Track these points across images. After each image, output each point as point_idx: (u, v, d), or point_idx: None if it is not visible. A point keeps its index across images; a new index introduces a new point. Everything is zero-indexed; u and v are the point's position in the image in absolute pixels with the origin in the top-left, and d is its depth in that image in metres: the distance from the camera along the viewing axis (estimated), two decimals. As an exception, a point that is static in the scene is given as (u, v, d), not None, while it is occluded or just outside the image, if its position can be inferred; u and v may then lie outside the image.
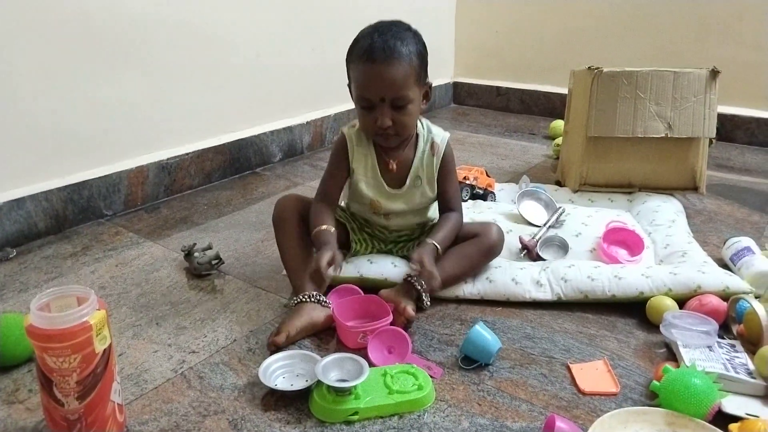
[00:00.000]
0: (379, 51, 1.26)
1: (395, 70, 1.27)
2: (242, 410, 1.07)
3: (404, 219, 1.47)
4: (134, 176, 1.95)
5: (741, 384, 1.09)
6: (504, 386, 1.14)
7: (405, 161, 1.42)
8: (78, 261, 1.62)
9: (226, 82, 2.20)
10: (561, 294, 1.39)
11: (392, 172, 1.41)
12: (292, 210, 1.41)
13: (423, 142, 1.43)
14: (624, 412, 1.03)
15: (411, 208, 1.45)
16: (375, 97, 1.29)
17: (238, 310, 1.39)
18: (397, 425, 1.04)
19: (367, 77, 1.29)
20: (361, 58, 1.29)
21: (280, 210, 1.42)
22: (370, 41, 1.28)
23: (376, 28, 1.31)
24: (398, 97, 1.29)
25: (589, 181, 1.93)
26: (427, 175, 1.43)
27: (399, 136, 1.36)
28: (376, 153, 1.41)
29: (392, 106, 1.30)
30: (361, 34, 1.33)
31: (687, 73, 1.83)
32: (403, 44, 1.28)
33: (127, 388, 1.12)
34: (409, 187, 1.42)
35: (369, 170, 1.42)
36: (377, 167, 1.41)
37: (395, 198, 1.43)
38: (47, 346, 0.91)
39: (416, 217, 1.48)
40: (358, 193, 1.43)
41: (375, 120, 1.31)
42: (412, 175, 1.42)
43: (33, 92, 1.67)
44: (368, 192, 1.42)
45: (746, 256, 1.50)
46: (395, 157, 1.41)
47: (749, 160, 2.51)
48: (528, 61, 3.22)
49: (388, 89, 1.28)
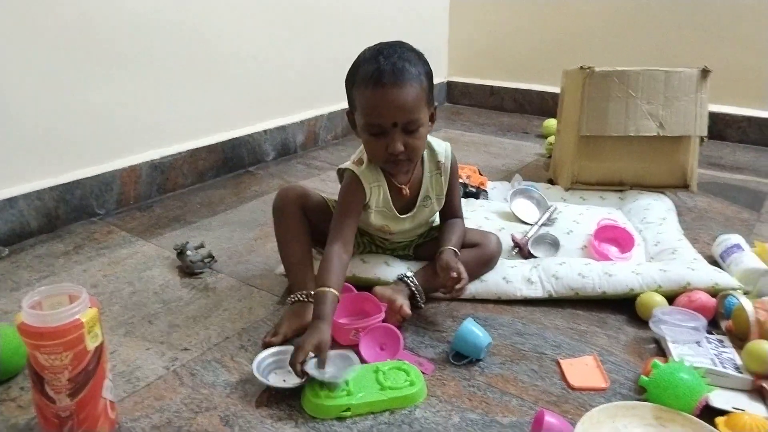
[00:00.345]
0: (388, 74, 1.19)
1: (407, 93, 1.20)
2: (234, 407, 1.08)
3: (409, 234, 1.46)
4: (127, 175, 1.95)
5: (728, 378, 1.11)
6: (494, 382, 1.14)
7: (415, 183, 1.38)
8: (70, 260, 1.62)
9: (219, 81, 2.20)
10: (552, 291, 1.40)
11: (405, 196, 1.37)
12: (294, 201, 1.37)
13: (428, 162, 1.39)
14: (612, 406, 1.04)
15: (418, 225, 1.44)
16: (387, 122, 1.22)
17: (231, 308, 1.39)
18: (388, 420, 1.05)
19: (376, 102, 1.21)
20: (368, 83, 1.21)
21: (282, 200, 1.38)
22: (377, 65, 1.21)
23: (379, 50, 1.24)
24: (411, 120, 1.23)
25: (581, 179, 1.94)
26: (436, 193, 1.40)
27: (410, 161, 1.29)
28: (388, 182, 1.35)
29: (404, 131, 1.23)
30: (362, 57, 1.27)
31: (678, 72, 1.84)
32: (412, 65, 1.22)
33: (119, 386, 1.12)
34: (419, 207, 1.40)
35: (381, 201, 1.36)
36: (389, 196, 1.36)
37: (404, 221, 1.40)
38: (39, 344, 0.91)
39: (420, 229, 1.47)
40: (366, 221, 1.38)
41: (386, 146, 1.24)
42: (421, 195, 1.39)
43: (26, 93, 1.67)
44: (377, 220, 1.38)
45: (735, 253, 1.51)
46: (407, 182, 1.36)
47: (740, 158, 2.53)
48: (521, 61, 3.23)
49: (400, 114, 1.21)
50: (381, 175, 1.34)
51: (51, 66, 1.71)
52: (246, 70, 2.29)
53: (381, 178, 1.34)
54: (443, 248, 1.35)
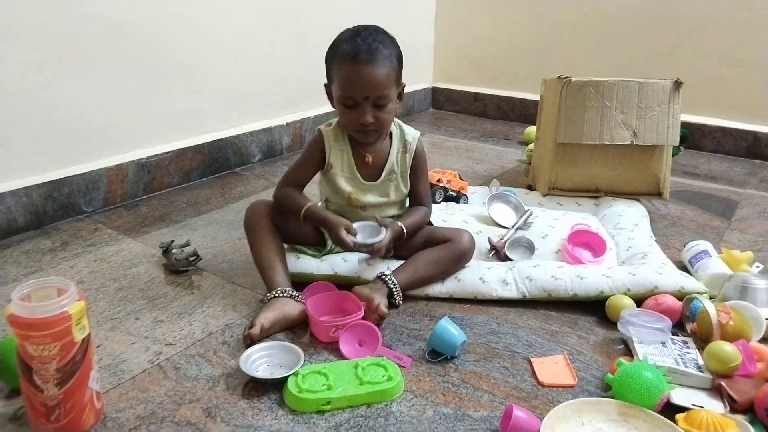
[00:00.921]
0: (364, 53, 1.36)
1: (379, 71, 1.37)
2: (216, 399, 1.11)
3: (379, 210, 1.54)
4: (114, 174, 1.98)
5: (689, 377, 1.16)
6: (468, 378, 1.19)
7: (380, 156, 1.51)
8: (57, 256, 1.65)
9: (206, 83, 2.23)
10: (526, 292, 1.45)
11: (368, 165, 1.50)
12: (263, 214, 1.48)
13: (397, 140, 1.53)
14: (579, 402, 1.09)
15: (386, 201, 1.53)
16: (359, 95, 1.38)
17: (215, 305, 1.43)
18: (365, 414, 1.09)
19: (352, 77, 1.38)
20: (345, 60, 1.37)
21: (251, 214, 1.49)
22: (355, 44, 1.37)
23: (357, 32, 1.41)
24: (381, 96, 1.39)
25: (558, 185, 2.00)
26: (401, 170, 1.53)
27: (378, 132, 1.46)
28: (352, 148, 1.50)
29: (374, 105, 1.40)
30: (342, 36, 1.42)
31: (651, 83, 1.91)
32: (385, 47, 1.39)
33: (104, 378, 1.16)
34: (383, 180, 1.51)
35: (345, 165, 1.51)
36: (353, 162, 1.50)
37: (370, 190, 1.52)
38: (28, 335, 0.95)
39: (391, 210, 1.56)
40: (335, 187, 1.51)
41: (357, 117, 1.40)
42: (387, 169, 1.51)
43: (14, 91, 1.70)
44: (345, 186, 1.51)
45: (703, 259, 1.57)
46: (371, 152, 1.50)
47: (714, 167, 2.60)
48: (505, 69, 3.29)
49: (371, 89, 1.38)
50: (346, 141, 1.50)
51: (39, 65, 1.74)
52: (233, 72, 2.32)
53: (345, 143, 1.50)
54: (393, 222, 1.46)
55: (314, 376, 1.14)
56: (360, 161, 1.51)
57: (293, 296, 1.35)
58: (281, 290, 1.35)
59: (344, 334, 1.26)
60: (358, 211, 1.53)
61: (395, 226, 1.44)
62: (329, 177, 1.52)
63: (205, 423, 1.06)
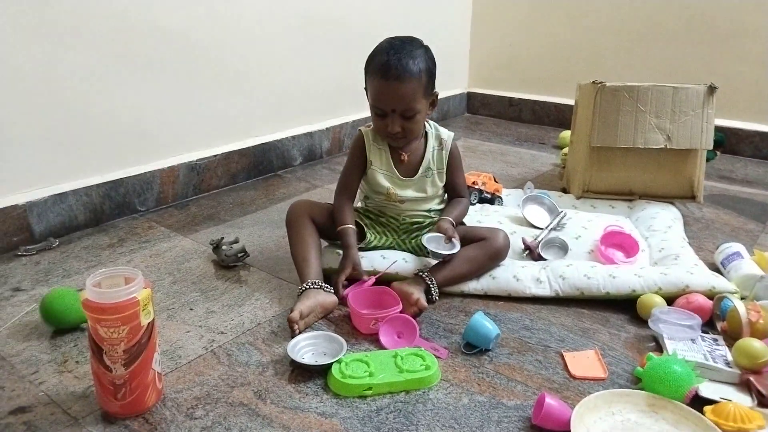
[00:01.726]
0: (393, 70, 1.45)
1: (405, 87, 1.46)
2: (266, 383, 1.20)
3: (417, 204, 1.63)
4: (166, 175, 2.09)
5: (718, 372, 1.20)
6: (502, 369, 1.25)
7: (416, 154, 1.62)
8: (115, 251, 1.77)
9: (252, 89, 2.34)
10: (559, 290, 1.50)
11: (404, 163, 1.60)
12: (302, 213, 1.58)
13: (432, 139, 1.63)
14: (609, 393, 1.14)
15: (423, 197, 1.62)
16: (387, 108, 1.49)
17: (262, 298, 1.52)
18: (404, 399, 1.16)
19: (381, 91, 1.48)
20: (377, 74, 1.47)
21: (292, 213, 1.59)
22: (386, 59, 1.46)
23: (391, 45, 1.49)
24: (407, 109, 1.49)
25: (592, 188, 2.04)
26: (437, 167, 1.62)
27: (406, 139, 1.57)
28: (390, 148, 1.61)
29: (402, 116, 1.50)
30: (378, 48, 1.52)
31: (686, 88, 1.93)
32: (414, 63, 1.46)
33: (163, 362, 1.25)
34: (420, 176, 1.60)
35: (384, 163, 1.61)
36: (391, 160, 1.60)
37: (408, 185, 1.61)
38: (100, 318, 1.04)
39: (428, 203, 1.64)
40: (375, 183, 1.60)
41: (386, 126, 1.51)
42: (423, 166, 1.61)
43: (77, 97, 1.83)
44: (384, 182, 1.60)
45: (735, 261, 1.60)
46: (407, 150, 1.60)
47: (751, 172, 2.60)
48: (540, 74, 3.33)
49: (398, 103, 1.48)
50: (384, 142, 1.60)
51: (99, 72, 1.86)
52: (276, 79, 2.43)
53: (383, 143, 1.60)
54: (441, 218, 1.56)
55: (356, 364, 1.21)
56: (397, 159, 1.60)
57: (323, 287, 1.44)
58: (311, 282, 1.44)
59: (384, 326, 1.34)
60: (397, 205, 1.62)
61: (444, 221, 1.53)
62: (370, 174, 1.61)
63: (256, 404, 1.14)
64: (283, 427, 1.08)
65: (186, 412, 1.12)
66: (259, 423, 1.09)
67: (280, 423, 1.09)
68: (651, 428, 1.08)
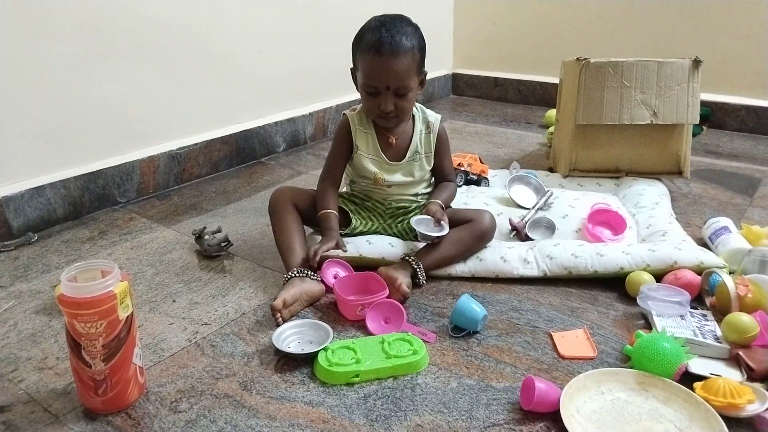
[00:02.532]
0: (386, 46, 1.42)
1: (400, 63, 1.43)
2: (251, 374, 1.18)
3: (404, 188, 1.60)
4: (146, 165, 2.05)
5: (707, 348, 1.19)
6: (490, 352, 1.24)
7: (404, 138, 1.58)
8: (95, 244, 1.73)
9: (231, 75, 2.30)
10: (547, 270, 1.49)
11: (392, 146, 1.57)
12: (285, 200, 1.55)
13: (419, 122, 1.60)
14: (598, 372, 1.13)
15: (411, 181, 1.59)
16: (381, 85, 1.46)
17: (246, 287, 1.49)
18: (392, 385, 1.15)
19: (374, 68, 1.44)
20: (369, 51, 1.43)
21: (274, 200, 1.57)
22: (379, 35, 1.42)
23: (382, 22, 1.46)
24: (401, 86, 1.46)
25: (578, 166, 2.02)
26: (425, 150, 1.60)
27: (398, 119, 1.53)
28: (376, 131, 1.57)
29: (395, 94, 1.47)
30: (368, 26, 1.48)
31: (670, 62, 1.91)
32: (408, 39, 1.44)
33: (145, 356, 1.23)
34: (408, 160, 1.58)
35: (371, 147, 1.58)
36: (378, 144, 1.57)
37: (395, 169, 1.58)
38: (76, 313, 1.01)
39: (415, 188, 1.62)
40: (362, 168, 1.57)
41: (379, 105, 1.48)
42: (411, 150, 1.58)
43: (50, 87, 1.78)
44: (371, 166, 1.57)
45: (723, 235, 1.59)
46: (395, 134, 1.57)
47: (738, 146, 2.59)
48: (525, 53, 3.30)
49: (393, 80, 1.45)
50: (370, 125, 1.57)
51: (75, 64, 1.82)
52: (256, 65, 2.38)
53: (370, 126, 1.57)
54: (430, 201, 1.55)
55: (343, 351, 1.19)
56: (384, 143, 1.57)
57: (308, 275, 1.42)
58: (297, 270, 1.42)
59: (370, 312, 1.32)
60: (384, 189, 1.59)
61: (434, 204, 1.52)
62: (356, 158, 1.58)
63: (241, 396, 1.12)
64: (270, 418, 1.06)
65: (170, 405, 1.10)
66: (245, 414, 1.07)
67: (266, 413, 1.07)
68: (641, 406, 1.08)
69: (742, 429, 1.03)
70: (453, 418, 1.06)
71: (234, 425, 1.05)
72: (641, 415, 1.06)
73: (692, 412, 1.05)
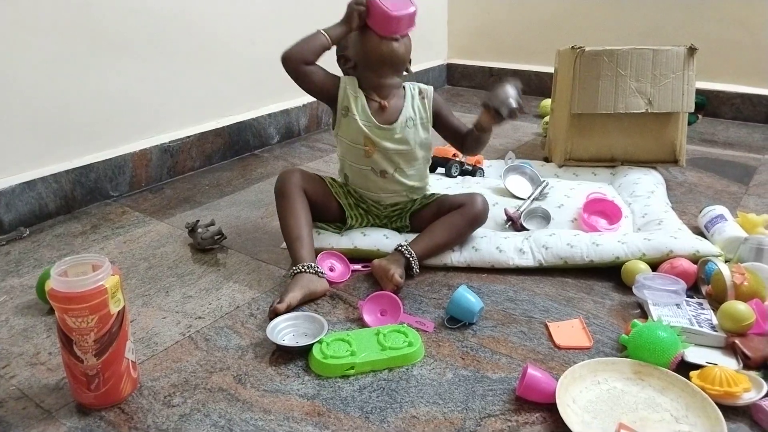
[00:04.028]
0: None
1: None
2: (246, 367, 1.17)
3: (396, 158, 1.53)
4: (138, 159, 2.04)
5: (703, 336, 1.19)
6: (486, 343, 1.23)
7: (396, 103, 1.53)
8: (88, 239, 1.72)
9: (224, 67, 2.27)
10: (542, 260, 1.48)
11: (384, 110, 1.52)
12: (295, 183, 1.49)
13: (411, 90, 1.56)
14: (594, 362, 1.13)
15: (406, 149, 1.53)
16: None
17: (240, 281, 1.48)
18: (388, 377, 1.14)
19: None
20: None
21: (283, 182, 1.49)
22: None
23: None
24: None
25: (574, 156, 2.01)
26: (420, 117, 1.55)
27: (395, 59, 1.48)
28: (366, 97, 1.52)
29: None
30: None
31: (665, 50, 1.90)
32: None
33: (139, 350, 1.22)
34: (401, 126, 1.52)
35: (360, 110, 1.51)
36: (367, 108, 1.51)
37: (388, 134, 1.51)
38: (67, 308, 1.00)
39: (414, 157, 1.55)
40: (353, 131, 1.51)
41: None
42: (404, 114, 1.52)
43: (39, 80, 1.76)
44: (363, 128, 1.50)
45: (719, 223, 1.58)
46: (384, 98, 1.52)
47: (733, 134, 2.59)
48: (519, 42, 3.28)
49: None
50: (359, 90, 1.52)
51: (64, 56, 1.79)
52: (250, 56, 2.35)
53: (359, 92, 1.52)
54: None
55: (338, 343, 1.19)
56: (375, 107, 1.51)
57: (318, 272, 1.39)
58: (306, 266, 1.38)
59: (366, 305, 1.31)
60: (378, 181, 1.55)
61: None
62: (346, 123, 1.52)
63: (236, 389, 1.11)
64: (264, 411, 1.06)
65: (163, 400, 1.09)
66: (239, 408, 1.07)
67: (261, 407, 1.07)
68: (637, 396, 1.07)
69: (738, 417, 1.02)
70: (449, 410, 1.05)
71: (228, 419, 1.04)
72: (637, 405, 1.05)
73: (688, 400, 1.04)
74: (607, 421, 1.01)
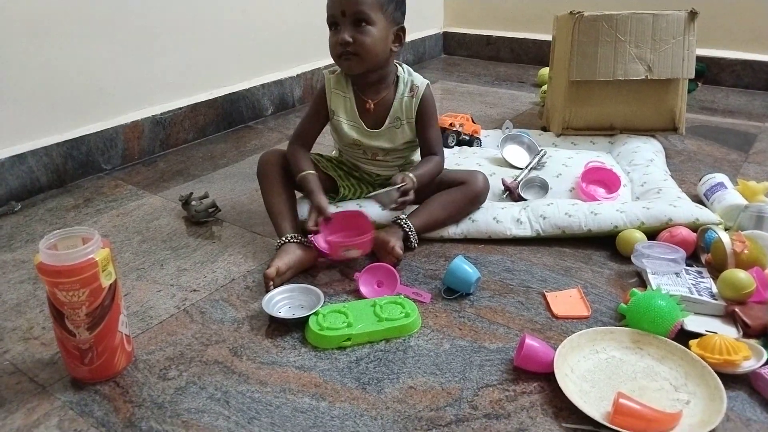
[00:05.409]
0: None
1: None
2: (242, 339, 1.16)
3: (391, 156, 1.53)
4: (130, 131, 2.00)
5: (703, 305, 1.18)
6: (483, 313, 1.22)
7: (384, 103, 1.48)
8: (81, 212, 1.69)
9: (216, 37, 2.23)
10: (540, 230, 1.47)
11: (370, 112, 1.48)
12: (274, 164, 1.50)
13: (403, 85, 1.49)
14: (592, 331, 1.12)
15: (394, 147, 1.52)
16: (337, 11, 1.36)
17: (235, 253, 1.47)
18: (384, 348, 1.13)
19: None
20: None
21: (263, 164, 1.51)
22: None
23: None
24: (357, 11, 1.34)
25: (572, 125, 1.98)
26: (407, 116, 1.49)
27: (359, 57, 1.38)
28: (355, 96, 1.49)
29: (353, 24, 1.36)
30: None
31: (666, 15, 1.86)
32: None
33: (133, 324, 1.21)
34: (388, 127, 1.49)
35: (348, 112, 1.49)
36: (355, 109, 1.49)
37: (376, 137, 1.50)
38: (57, 281, 0.98)
39: (402, 155, 1.56)
40: (341, 134, 1.51)
41: (337, 40, 1.37)
42: (391, 116, 1.48)
43: (28, 52, 1.71)
44: (350, 132, 1.50)
45: (719, 191, 1.57)
46: (373, 98, 1.48)
47: (733, 102, 2.55)
48: (517, 9, 3.22)
49: (347, 3, 1.34)
50: (349, 88, 1.49)
51: (52, 26, 1.75)
52: (242, 25, 2.31)
53: (348, 90, 1.49)
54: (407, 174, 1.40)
55: (334, 315, 1.18)
56: (362, 109, 1.49)
57: (301, 241, 1.38)
58: (289, 236, 1.38)
59: (363, 276, 1.30)
60: (369, 162, 1.55)
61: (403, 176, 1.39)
62: (334, 124, 1.52)
63: (231, 362, 1.10)
64: (260, 383, 1.05)
65: (159, 373, 1.08)
66: (235, 380, 1.06)
67: (257, 379, 1.06)
68: (636, 365, 1.07)
69: (738, 386, 1.02)
70: (446, 380, 1.05)
71: (224, 391, 1.03)
72: (636, 374, 1.05)
73: (688, 369, 1.04)
74: (605, 391, 1.01)
